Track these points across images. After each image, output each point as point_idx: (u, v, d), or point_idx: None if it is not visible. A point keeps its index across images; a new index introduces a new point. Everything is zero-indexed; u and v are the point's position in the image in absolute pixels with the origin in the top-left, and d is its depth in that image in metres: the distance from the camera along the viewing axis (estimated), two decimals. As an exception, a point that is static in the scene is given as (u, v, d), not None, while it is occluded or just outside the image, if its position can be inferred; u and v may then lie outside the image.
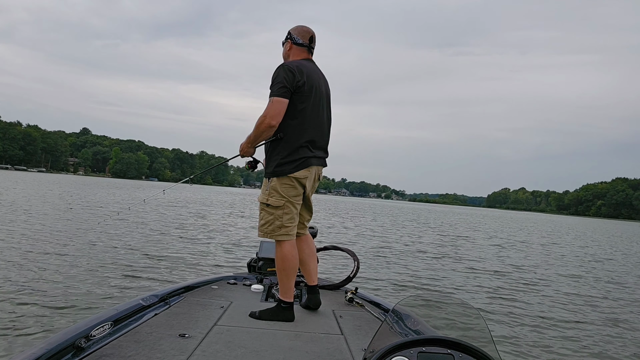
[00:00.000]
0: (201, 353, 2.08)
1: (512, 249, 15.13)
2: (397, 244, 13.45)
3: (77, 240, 8.77)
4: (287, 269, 2.79)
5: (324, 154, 2.95)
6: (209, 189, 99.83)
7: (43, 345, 1.85)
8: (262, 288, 3.45)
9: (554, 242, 20.33)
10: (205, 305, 2.89)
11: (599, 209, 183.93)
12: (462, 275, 8.70)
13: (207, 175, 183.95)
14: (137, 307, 2.57)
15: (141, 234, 10.60)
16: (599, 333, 5.40)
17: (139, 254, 7.89)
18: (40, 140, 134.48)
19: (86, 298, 4.88)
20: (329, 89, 3.02)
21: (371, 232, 17.13)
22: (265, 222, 2.79)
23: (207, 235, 11.61)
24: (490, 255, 12.78)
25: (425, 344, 1.33)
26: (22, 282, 5.32)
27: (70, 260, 6.80)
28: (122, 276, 6.05)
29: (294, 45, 2.91)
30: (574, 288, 8.42)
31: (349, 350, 2.30)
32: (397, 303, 1.67)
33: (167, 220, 14.95)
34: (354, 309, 3.11)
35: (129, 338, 2.19)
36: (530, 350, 4.54)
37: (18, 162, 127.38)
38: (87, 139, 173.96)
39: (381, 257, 10.23)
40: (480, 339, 1.44)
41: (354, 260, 3.65)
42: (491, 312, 5.98)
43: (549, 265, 11.54)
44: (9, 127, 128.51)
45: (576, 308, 6.72)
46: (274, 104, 2.65)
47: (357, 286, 3.48)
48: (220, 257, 8.41)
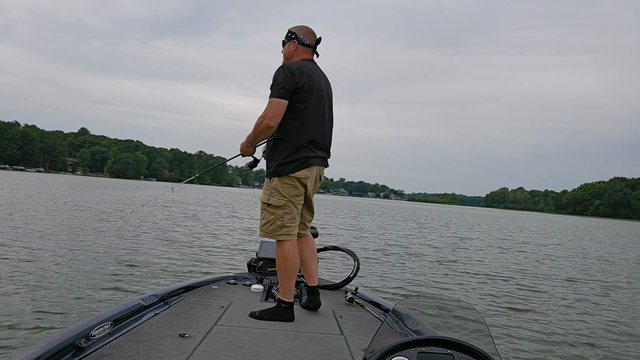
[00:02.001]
0: (201, 353, 2.08)
1: (511, 250, 15.16)
2: (397, 244, 13.46)
3: (77, 241, 8.76)
4: (287, 269, 2.78)
5: (326, 154, 2.95)
6: (207, 188, 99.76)
7: (43, 345, 1.84)
8: (262, 288, 3.45)
9: (557, 244, 20.27)
10: (205, 305, 2.89)
11: (597, 208, 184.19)
12: (462, 276, 8.71)
13: (206, 175, 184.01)
14: (137, 307, 2.56)
15: (141, 234, 10.60)
16: (604, 337, 5.36)
17: (139, 253, 7.89)
18: (38, 140, 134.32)
19: (86, 298, 4.89)
20: (331, 89, 3.02)
21: (370, 232, 17.15)
22: (266, 222, 2.80)
23: (207, 235, 11.62)
24: (489, 255, 12.81)
25: (425, 344, 1.33)
26: (21, 282, 5.33)
27: (70, 260, 6.80)
28: (121, 276, 6.05)
29: (301, 45, 2.89)
30: (574, 289, 8.43)
31: (349, 351, 2.29)
32: (397, 303, 1.67)
33: (167, 220, 14.97)
34: (354, 309, 3.11)
35: (128, 338, 2.18)
36: (530, 350, 4.54)
37: (16, 162, 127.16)
38: (85, 138, 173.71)
39: (381, 257, 10.24)
40: (480, 339, 1.44)
41: (354, 260, 3.64)
42: (491, 312, 5.99)
43: (548, 264, 11.56)
44: (7, 127, 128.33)
45: (578, 308, 6.72)
46: (273, 105, 2.66)
47: (357, 286, 3.48)
48: (220, 257, 8.42)
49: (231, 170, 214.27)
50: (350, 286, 3.57)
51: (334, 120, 3.01)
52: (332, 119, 3.00)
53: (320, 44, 2.93)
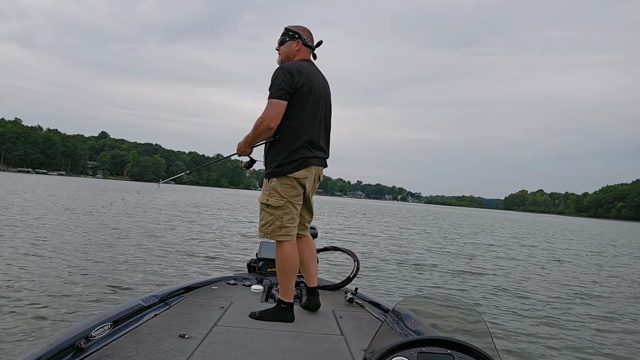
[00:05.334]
0: (201, 353, 2.08)
1: (517, 251, 14.91)
2: (400, 245, 13.36)
3: (77, 241, 8.80)
4: (287, 270, 2.78)
5: (324, 154, 2.95)
6: (224, 191, 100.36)
7: (43, 346, 1.85)
8: (262, 288, 3.45)
9: (598, 251, 18.45)
10: (205, 305, 2.89)
11: (619, 211, 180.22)
12: (462, 276, 8.63)
13: (223, 178, 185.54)
14: (137, 307, 2.57)
15: (141, 235, 10.66)
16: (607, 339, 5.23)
17: (139, 254, 7.91)
18: (60, 144, 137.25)
19: (86, 298, 4.87)
20: (329, 89, 3.01)
21: (375, 233, 17.04)
22: (265, 223, 2.80)
23: (207, 236, 11.63)
24: (494, 257, 12.61)
25: (425, 344, 1.33)
26: (21, 282, 5.31)
27: (70, 260, 6.81)
28: (122, 276, 6.04)
29: (304, 46, 2.90)
30: (582, 287, 8.26)
31: (349, 351, 2.29)
32: (397, 303, 1.66)
33: (168, 220, 15.05)
34: (354, 309, 3.10)
35: (129, 338, 2.19)
36: (530, 351, 4.48)
37: (39, 166, 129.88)
38: (105, 142, 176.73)
39: (382, 257, 10.19)
40: (480, 339, 1.43)
41: (354, 260, 3.64)
42: (491, 311, 5.93)
43: (545, 264, 11.37)
44: (30, 131, 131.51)
45: (575, 305, 6.62)
46: (273, 106, 2.67)
47: (357, 286, 3.47)
48: (220, 257, 8.39)
49: (248, 174, 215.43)
50: (350, 286, 3.56)
51: (331, 120, 3.00)
52: (330, 120, 3.00)
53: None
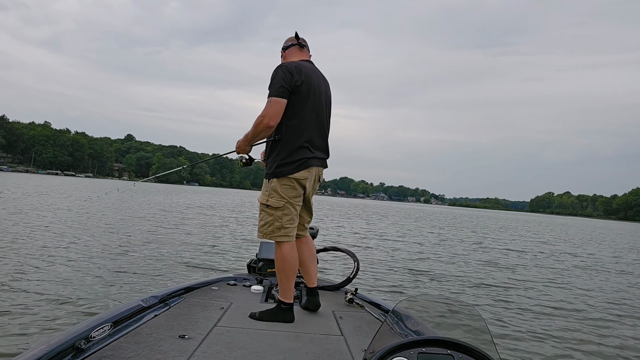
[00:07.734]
0: (201, 354, 2.09)
1: (527, 253, 14.60)
2: (401, 246, 13.25)
3: (77, 241, 8.90)
4: (286, 270, 2.78)
5: (325, 154, 2.94)
6: (245, 192, 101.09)
7: (43, 347, 1.86)
8: (262, 289, 3.45)
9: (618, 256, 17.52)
10: (205, 306, 2.90)
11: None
12: (463, 276, 8.54)
13: (246, 179, 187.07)
14: (137, 308, 2.59)
15: (141, 235, 10.73)
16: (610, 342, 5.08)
17: (139, 254, 7.94)
18: (87, 147, 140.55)
19: (86, 299, 4.89)
20: (329, 89, 3.01)
21: (376, 235, 16.89)
22: (264, 223, 2.80)
23: (207, 236, 11.66)
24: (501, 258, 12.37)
25: (425, 344, 1.33)
26: (21, 282, 5.35)
27: (70, 261, 6.86)
28: (121, 277, 6.06)
29: (285, 51, 3.01)
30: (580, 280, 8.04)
31: (349, 351, 2.28)
32: (397, 304, 1.66)
33: (168, 221, 15.15)
34: (354, 309, 3.09)
35: (129, 339, 2.19)
36: (531, 351, 4.43)
37: (67, 168, 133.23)
38: (131, 144, 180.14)
39: (382, 258, 10.14)
40: (480, 340, 1.43)
41: (354, 261, 3.63)
42: (491, 312, 5.88)
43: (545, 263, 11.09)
44: (58, 134, 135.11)
45: (572, 298, 6.56)
46: (272, 105, 2.67)
47: (357, 287, 3.46)
48: (220, 258, 8.41)
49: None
50: (350, 287, 3.55)
51: (331, 121, 3.00)
52: (330, 120, 2.99)
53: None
